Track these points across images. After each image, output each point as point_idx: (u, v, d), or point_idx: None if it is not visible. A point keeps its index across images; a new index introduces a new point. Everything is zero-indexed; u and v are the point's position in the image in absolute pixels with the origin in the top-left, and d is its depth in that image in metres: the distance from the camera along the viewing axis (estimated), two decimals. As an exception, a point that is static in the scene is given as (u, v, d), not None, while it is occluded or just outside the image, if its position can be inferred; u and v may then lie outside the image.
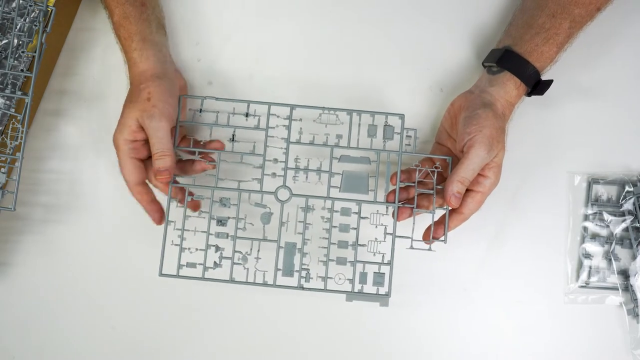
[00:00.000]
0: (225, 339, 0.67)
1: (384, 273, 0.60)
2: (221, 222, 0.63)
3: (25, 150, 0.63)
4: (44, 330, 0.68)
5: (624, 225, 0.66)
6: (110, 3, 0.66)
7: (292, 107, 0.64)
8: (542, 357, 0.65)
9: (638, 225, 0.66)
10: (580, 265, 0.66)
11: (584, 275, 0.66)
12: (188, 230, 0.62)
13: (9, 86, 0.64)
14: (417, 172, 0.62)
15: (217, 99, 0.65)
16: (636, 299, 0.64)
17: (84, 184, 0.71)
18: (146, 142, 0.61)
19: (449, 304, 0.66)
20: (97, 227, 0.69)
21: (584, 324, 0.65)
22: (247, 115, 0.65)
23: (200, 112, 0.66)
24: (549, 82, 0.63)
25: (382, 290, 0.60)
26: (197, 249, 0.62)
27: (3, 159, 0.63)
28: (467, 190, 0.60)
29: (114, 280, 0.68)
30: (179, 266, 0.61)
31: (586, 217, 0.67)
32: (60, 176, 0.71)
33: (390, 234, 0.61)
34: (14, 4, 0.65)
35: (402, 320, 0.66)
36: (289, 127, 0.63)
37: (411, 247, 0.60)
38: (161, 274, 0.61)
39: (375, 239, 0.61)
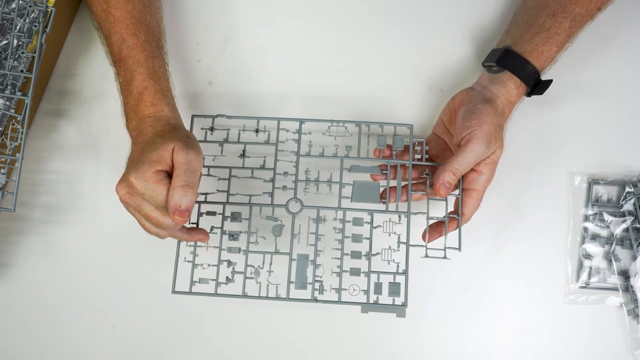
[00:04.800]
0: (235, 349, 0.66)
1: (399, 283, 0.59)
2: (233, 236, 0.62)
3: (25, 150, 0.63)
4: (44, 330, 0.68)
5: (624, 225, 0.66)
6: (132, 66, 0.62)
7: (302, 121, 0.64)
8: (543, 358, 0.65)
9: (638, 225, 0.66)
10: (580, 265, 0.66)
11: (584, 276, 0.66)
12: (201, 246, 0.62)
13: (9, 87, 0.64)
14: (427, 182, 0.63)
15: (228, 117, 0.65)
16: (636, 300, 0.64)
17: (84, 184, 0.71)
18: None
19: (450, 305, 0.66)
20: (97, 228, 0.69)
21: (584, 324, 0.65)
22: (257, 131, 0.65)
23: (212, 130, 0.66)
24: (548, 82, 0.63)
25: (398, 301, 0.59)
26: (209, 265, 0.62)
27: (3, 159, 0.63)
28: (464, 190, 0.60)
29: (114, 281, 0.68)
30: (192, 283, 0.61)
31: (586, 218, 0.67)
32: (60, 177, 0.71)
33: (404, 243, 0.60)
34: (13, 5, 0.65)
35: (405, 322, 0.66)
36: (298, 141, 0.63)
37: (426, 256, 0.60)
38: (174, 292, 0.61)
39: (389, 247, 0.61)
